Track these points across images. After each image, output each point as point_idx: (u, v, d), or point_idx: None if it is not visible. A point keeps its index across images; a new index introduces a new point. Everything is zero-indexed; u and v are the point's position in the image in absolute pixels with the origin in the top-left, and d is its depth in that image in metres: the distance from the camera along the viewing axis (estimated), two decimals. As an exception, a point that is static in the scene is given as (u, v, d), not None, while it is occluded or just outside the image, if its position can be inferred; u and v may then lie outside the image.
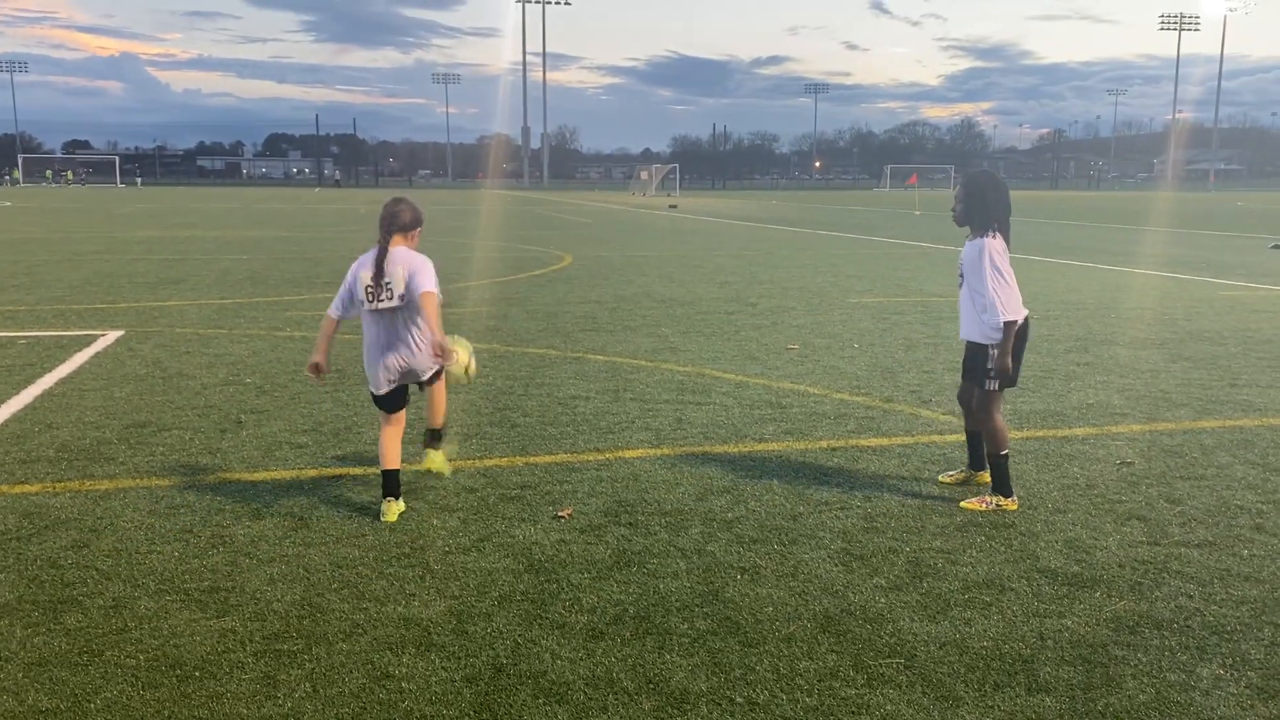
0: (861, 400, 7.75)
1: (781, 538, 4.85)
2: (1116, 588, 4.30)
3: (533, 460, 6.11)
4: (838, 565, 4.52)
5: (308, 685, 3.45)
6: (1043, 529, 5.00)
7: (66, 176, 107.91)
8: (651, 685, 3.47)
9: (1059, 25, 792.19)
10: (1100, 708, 3.34)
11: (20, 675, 3.51)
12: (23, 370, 8.68)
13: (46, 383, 8.18)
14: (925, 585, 4.31)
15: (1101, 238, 28.70)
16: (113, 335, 10.56)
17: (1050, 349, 9.99)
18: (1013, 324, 5.16)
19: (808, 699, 3.39)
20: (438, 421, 5.56)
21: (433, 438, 5.60)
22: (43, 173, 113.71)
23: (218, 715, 3.27)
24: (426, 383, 5.36)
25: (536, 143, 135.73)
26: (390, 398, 5.22)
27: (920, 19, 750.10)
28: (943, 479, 5.73)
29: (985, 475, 5.51)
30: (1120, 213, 48.47)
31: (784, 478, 5.79)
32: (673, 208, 52.66)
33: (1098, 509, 5.29)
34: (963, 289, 5.37)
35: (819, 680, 3.51)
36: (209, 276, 16.60)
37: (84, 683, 3.46)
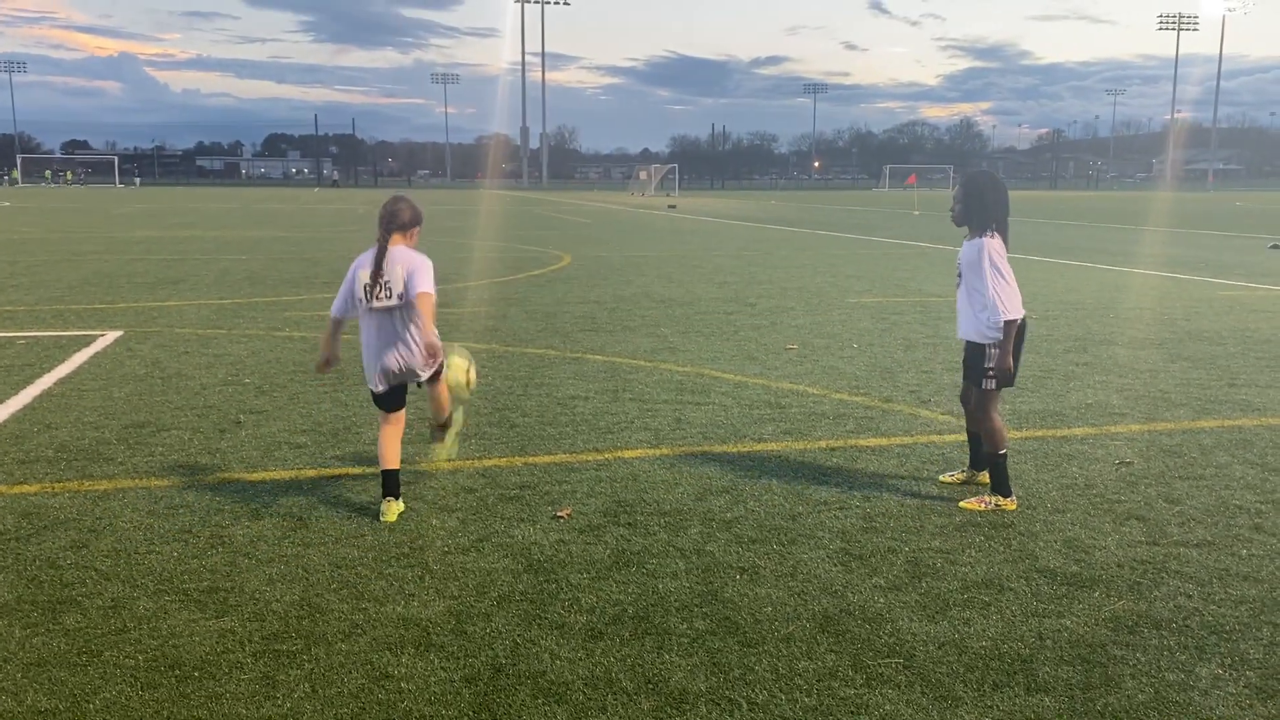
0: (860, 400, 7.75)
1: (780, 538, 4.85)
2: (1115, 587, 4.30)
3: (532, 460, 6.11)
4: (837, 565, 4.53)
5: (307, 685, 3.46)
6: (1042, 529, 5.00)
7: (66, 176, 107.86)
8: (650, 685, 3.47)
9: (1057, 25, 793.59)
10: (1099, 707, 3.35)
11: (19, 675, 3.51)
12: (21, 370, 8.68)
13: (45, 383, 8.18)
14: (924, 585, 4.31)
15: (1100, 238, 28.71)
16: (111, 335, 10.55)
17: (1049, 349, 9.99)
18: (1013, 323, 5.17)
19: (807, 699, 3.39)
20: (442, 417, 5.65)
21: (438, 430, 5.72)
22: (42, 173, 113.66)
23: (217, 715, 3.27)
24: (426, 382, 5.37)
25: (535, 143, 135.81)
26: (388, 396, 5.23)
27: (919, 19, 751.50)
28: (943, 479, 5.74)
29: (986, 476, 5.51)
30: (1119, 213, 48.49)
31: (783, 478, 5.80)
32: (672, 208, 52.66)
33: (1096, 509, 5.29)
34: (960, 288, 5.38)
35: (818, 680, 3.51)
36: (208, 277, 16.60)
37: (83, 683, 3.46)
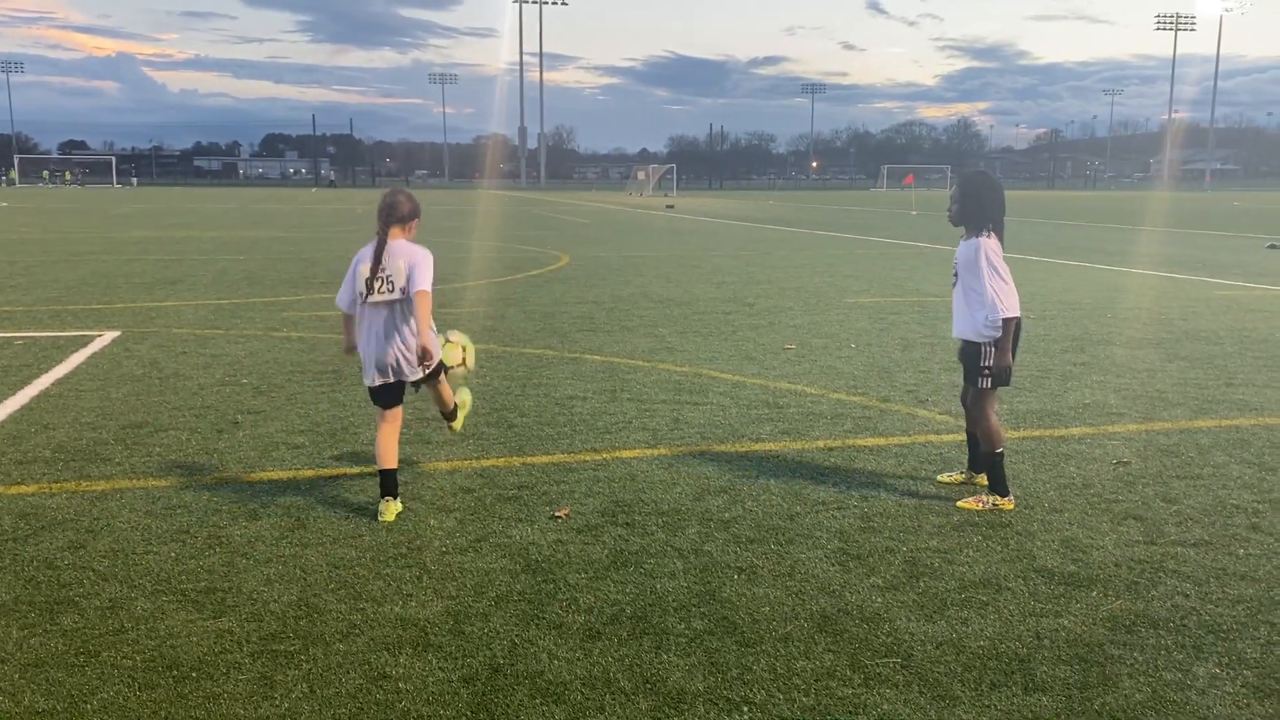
0: (858, 400, 7.76)
1: (778, 537, 4.85)
2: (1113, 587, 4.30)
3: (530, 460, 6.11)
4: (834, 565, 4.53)
5: (305, 686, 3.45)
6: (1039, 528, 5.01)
7: (65, 177, 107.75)
8: (648, 685, 3.47)
9: (1055, 25, 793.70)
10: (1097, 707, 3.35)
11: (17, 676, 3.50)
12: (19, 371, 8.67)
13: (43, 383, 8.17)
14: (922, 585, 4.31)
15: (1098, 237, 28.73)
16: (109, 336, 10.55)
17: (1047, 349, 10.00)
18: (1011, 321, 5.18)
19: (805, 698, 3.39)
20: (448, 408, 5.74)
21: (448, 416, 5.83)
22: (39, 173, 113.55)
23: (214, 716, 3.27)
24: (425, 382, 5.37)
25: (533, 143, 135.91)
26: (385, 391, 5.23)
27: (917, 19, 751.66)
28: (941, 479, 5.74)
29: (985, 479, 5.51)
30: (1116, 212, 48.52)
31: (781, 477, 5.80)
32: (670, 208, 52.67)
33: (1094, 508, 5.30)
34: (956, 288, 5.39)
35: (816, 680, 3.51)
36: (206, 277, 16.59)
37: (80, 683, 3.46)
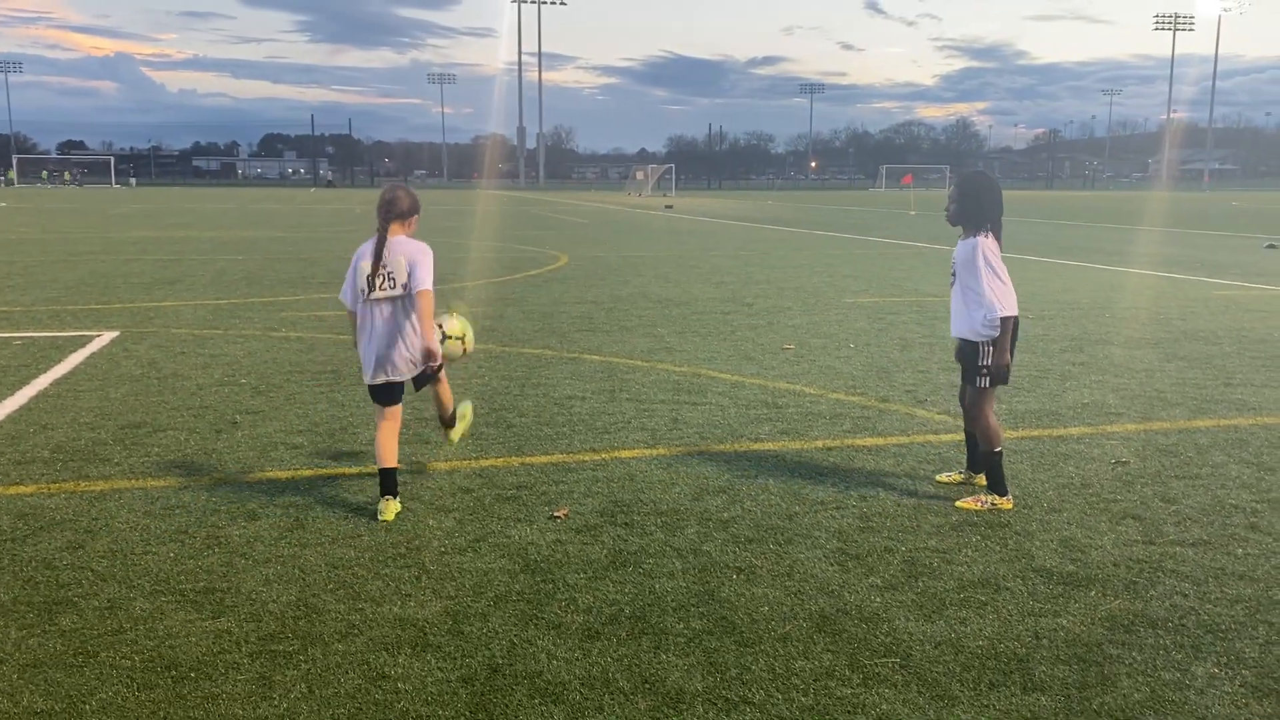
0: (857, 400, 7.76)
1: (777, 537, 4.85)
2: (1111, 587, 4.31)
3: (529, 460, 6.11)
4: (833, 565, 4.53)
5: (303, 686, 3.45)
6: (1038, 528, 5.01)
7: (64, 177, 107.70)
8: (647, 685, 3.47)
9: (1054, 25, 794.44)
10: (1095, 706, 3.35)
11: (15, 676, 3.50)
12: (17, 371, 8.67)
13: (41, 383, 8.17)
14: (921, 584, 4.32)
15: (1096, 237, 28.74)
16: (108, 336, 10.54)
17: (1045, 349, 10.00)
18: (1009, 319, 5.19)
19: (803, 698, 3.39)
20: (447, 412, 5.70)
21: (447, 422, 5.78)
22: (38, 173, 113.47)
23: (213, 716, 3.27)
24: (426, 382, 5.37)
25: (532, 143, 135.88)
26: (385, 389, 5.23)
27: (915, 19, 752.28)
28: (940, 479, 5.74)
29: (984, 479, 5.51)
30: (1115, 212, 48.54)
31: (780, 477, 5.80)
32: (669, 208, 52.67)
33: (1093, 508, 5.30)
34: (954, 287, 5.39)
35: (814, 680, 3.51)
36: (204, 277, 16.58)
37: (79, 684, 3.46)
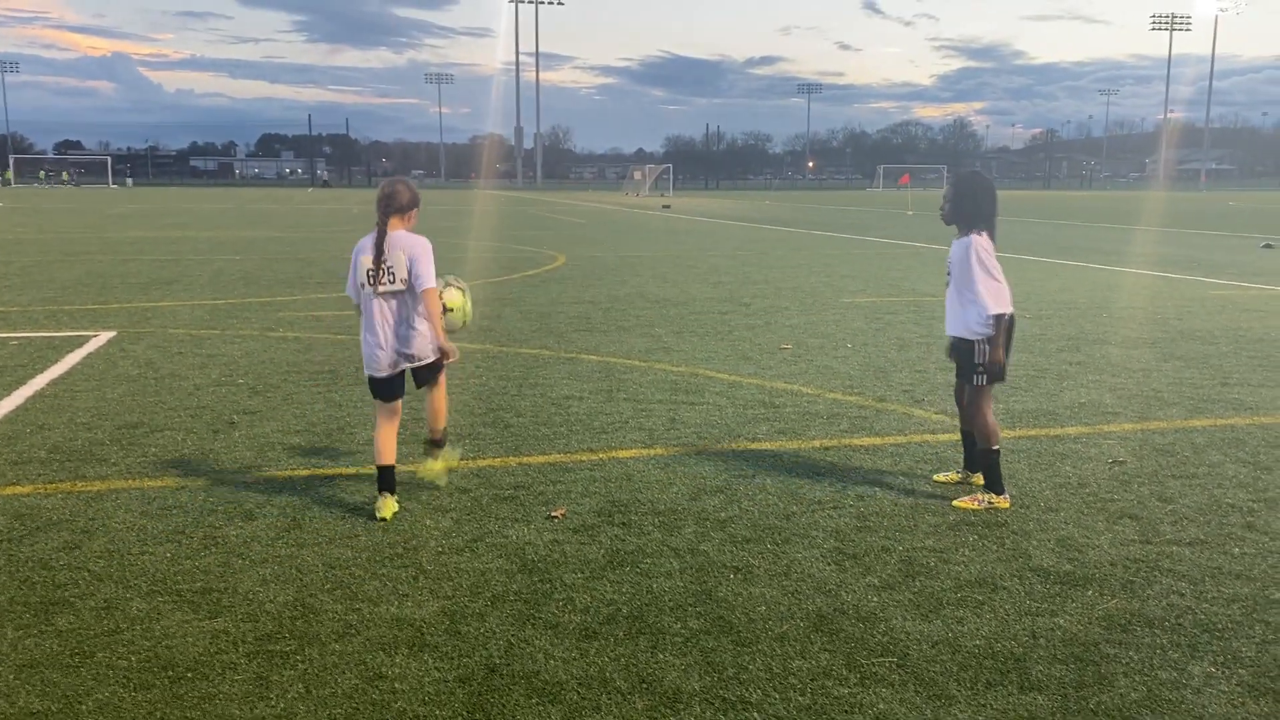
0: (854, 400, 7.76)
1: (774, 537, 4.86)
2: (1109, 586, 4.31)
3: (526, 460, 6.11)
4: (831, 564, 4.53)
5: (300, 686, 3.45)
6: (1035, 528, 5.01)
7: (62, 177, 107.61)
8: (645, 685, 3.47)
9: (1051, 25, 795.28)
10: (1092, 706, 3.35)
11: (11, 677, 3.50)
12: (14, 371, 8.66)
13: (38, 384, 8.16)
14: (918, 584, 4.32)
15: (1094, 237, 28.77)
16: (105, 336, 10.53)
17: (1043, 348, 10.01)
18: (1001, 317, 5.20)
19: (800, 698, 3.39)
20: (439, 427, 5.53)
21: (432, 446, 5.57)
22: (36, 173, 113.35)
23: (210, 716, 3.26)
24: (428, 384, 5.37)
25: (529, 143, 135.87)
26: (388, 383, 5.22)
27: (913, 19, 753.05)
28: (938, 479, 5.74)
29: (981, 478, 5.51)
30: (1112, 212, 48.59)
31: (777, 477, 5.80)
32: (666, 208, 52.68)
33: (1090, 507, 5.30)
34: (950, 287, 5.41)
35: (812, 679, 3.52)
36: (202, 277, 16.57)
37: (75, 684, 3.45)
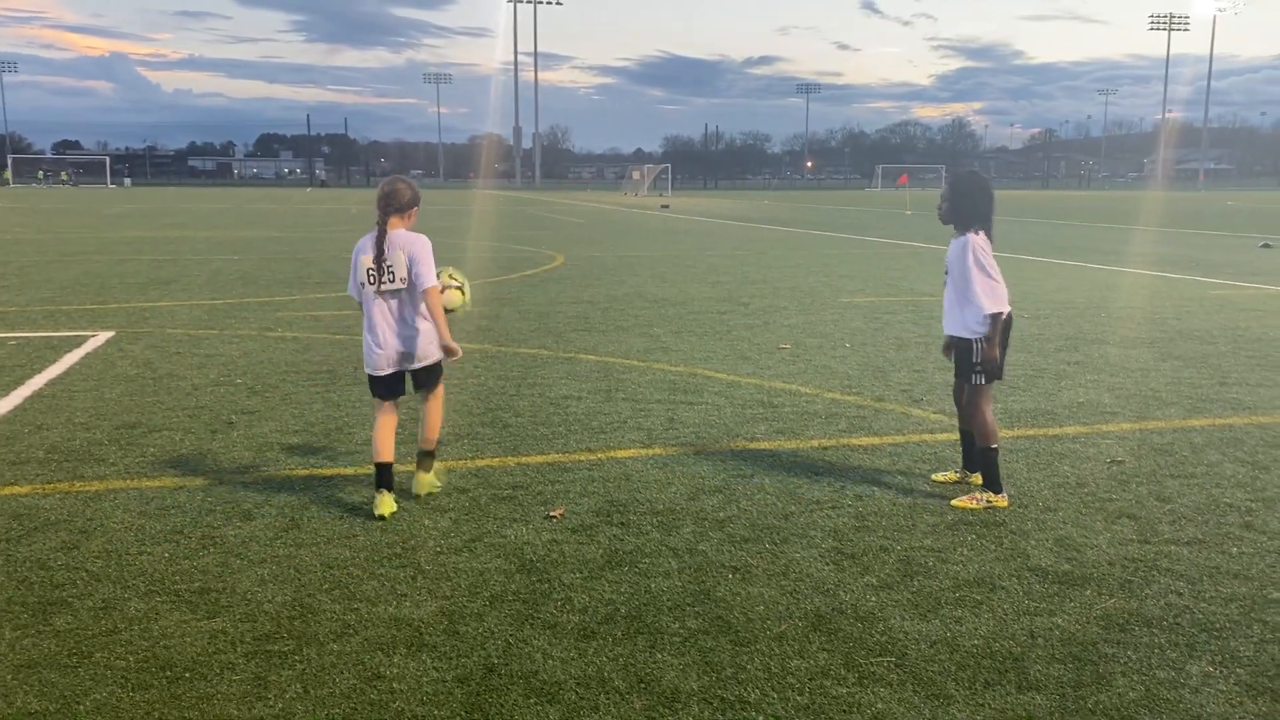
0: (853, 399, 7.76)
1: (773, 537, 4.86)
2: (1107, 585, 4.31)
3: (524, 460, 6.11)
4: (829, 564, 4.53)
5: (299, 686, 3.45)
6: (1033, 527, 5.01)
7: (60, 176, 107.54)
8: (643, 684, 3.47)
9: (1049, 25, 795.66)
10: (1090, 705, 3.36)
11: (9, 677, 3.50)
12: (12, 371, 8.65)
13: (36, 384, 8.15)
14: (916, 584, 4.32)
15: (1092, 237, 28.78)
16: (103, 336, 10.52)
17: (1041, 348, 10.01)
18: (997, 315, 5.21)
19: (799, 698, 3.39)
20: (432, 438, 5.40)
21: (424, 458, 5.43)
22: (34, 173, 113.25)
23: (208, 716, 3.26)
24: (427, 389, 5.36)
25: (528, 142, 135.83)
26: (388, 382, 5.22)
27: (911, 19, 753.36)
28: (936, 478, 5.74)
29: (979, 478, 5.52)
30: (1111, 212, 48.61)
31: (775, 477, 5.80)
32: (665, 208, 52.68)
33: (1088, 507, 5.31)
34: (948, 286, 5.41)
35: (810, 679, 3.52)
36: (200, 277, 16.56)
37: (73, 684, 3.45)
